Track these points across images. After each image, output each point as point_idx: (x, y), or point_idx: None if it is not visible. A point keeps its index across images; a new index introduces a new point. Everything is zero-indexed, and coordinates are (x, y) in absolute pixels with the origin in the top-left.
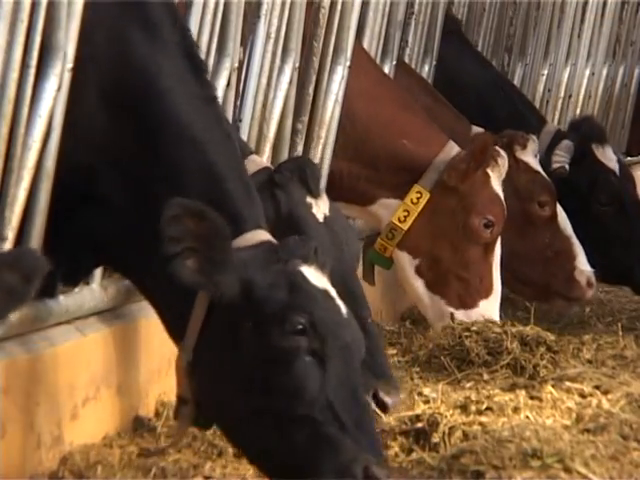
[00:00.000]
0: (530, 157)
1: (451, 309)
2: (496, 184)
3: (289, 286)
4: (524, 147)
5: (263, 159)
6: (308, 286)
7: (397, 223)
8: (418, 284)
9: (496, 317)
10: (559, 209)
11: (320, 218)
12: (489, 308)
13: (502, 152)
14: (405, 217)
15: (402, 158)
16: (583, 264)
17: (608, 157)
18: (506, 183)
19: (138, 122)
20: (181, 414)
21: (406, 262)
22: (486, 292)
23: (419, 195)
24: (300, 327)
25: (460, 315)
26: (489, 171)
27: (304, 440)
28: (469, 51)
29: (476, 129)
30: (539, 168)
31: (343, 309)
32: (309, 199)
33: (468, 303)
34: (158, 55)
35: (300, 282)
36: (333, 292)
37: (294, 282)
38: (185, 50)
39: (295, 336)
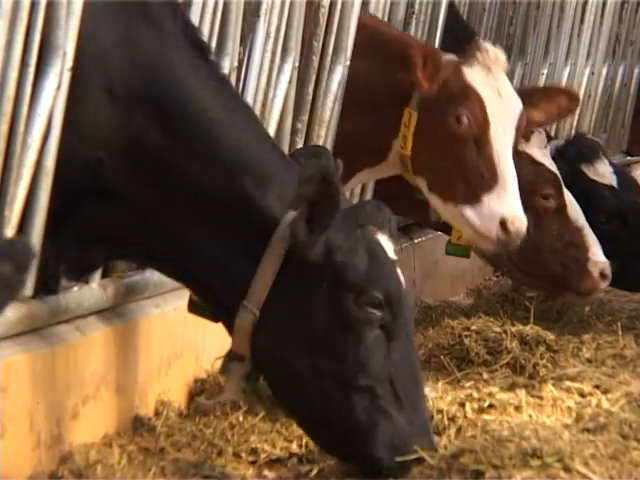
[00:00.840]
0: (534, 149)
1: (459, 207)
2: (472, 76)
3: (368, 255)
4: (527, 140)
5: None
6: (385, 258)
7: (402, 151)
8: (435, 200)
9: (510, 208)
10: (570, 200)
11: None
12: (497, 199)
13: (487, 46)
14: (405, 143)
15: (397, 89)
16: (597, 255)
17: (601, 173)
18: None
19: (158, 116)
20: (233, 370)
21: (423, 185)
22: (488, 185)
23: (409, 116)
24: (377, 301)
25: (468, 212)
26: (464, 67)
27: (362, 410)
28: None
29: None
30: (544, 160)
31: (403, 281)
32: None
33: (471, 199)
34: (165, 47)
35: (378, 253)
36: (397, 263)
37: (373, 252)
38: (190, 39)
39: (371, 309)
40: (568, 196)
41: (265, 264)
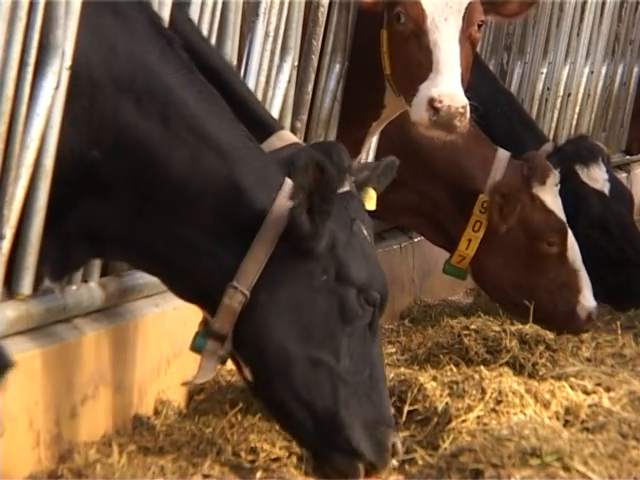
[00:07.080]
0: (548, 194)
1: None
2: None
3: (363, 252)
4: (543, 183)
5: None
6: (375, 256)
7: (387, 74)
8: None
9: (438, 88)
10: (572, 242)
11: None
12: (428, 84)
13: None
14: (385, 63)
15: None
16: (587, 299)
17: (594, 178)
18: (519, 217)
19: (143, 107)
20: (210, 349)
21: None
22: (425, 74)
23: (382, 37)
24: (376, 301)
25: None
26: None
27: (348, 403)
28: (478, 68)
29: (502, 153)
30: (554, 207)
31: None
32: None
33: (414, 94)
34: (137, 38)
35: (371, 250)
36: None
37: (366, 248)
38: (156, 27)
39: (369, 307)
40: (570, 238)
41: (257, 246)
